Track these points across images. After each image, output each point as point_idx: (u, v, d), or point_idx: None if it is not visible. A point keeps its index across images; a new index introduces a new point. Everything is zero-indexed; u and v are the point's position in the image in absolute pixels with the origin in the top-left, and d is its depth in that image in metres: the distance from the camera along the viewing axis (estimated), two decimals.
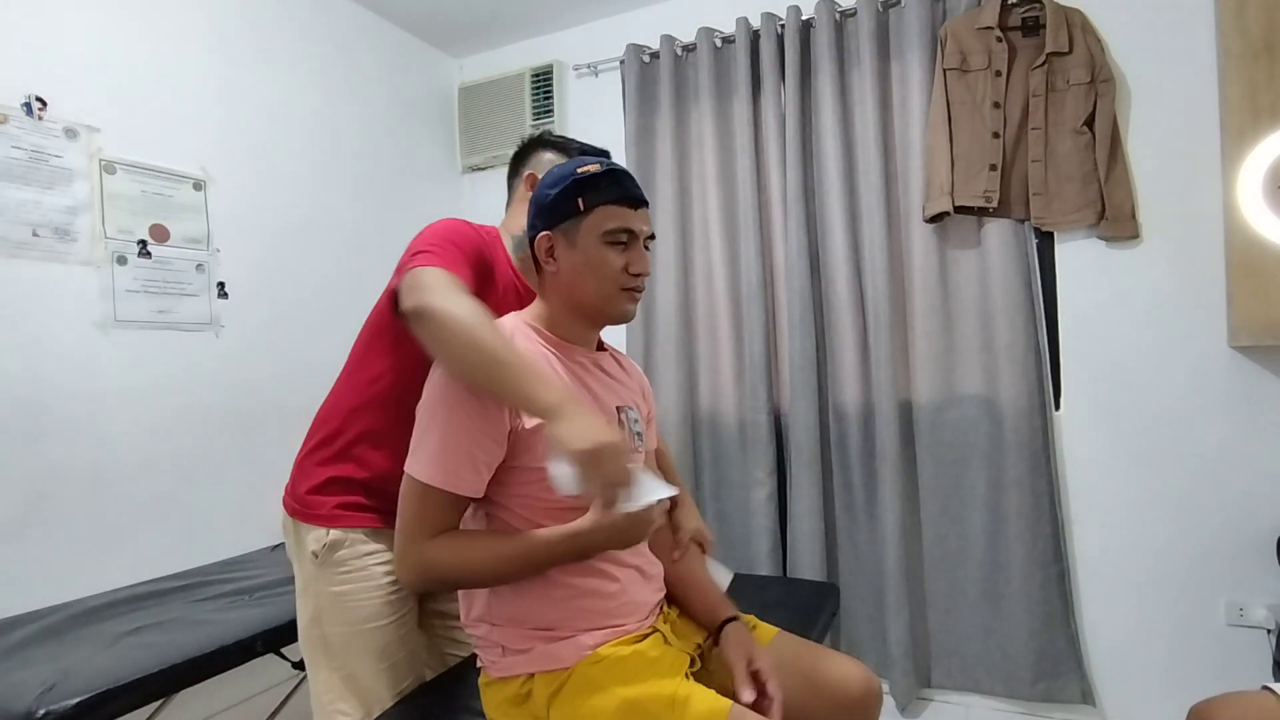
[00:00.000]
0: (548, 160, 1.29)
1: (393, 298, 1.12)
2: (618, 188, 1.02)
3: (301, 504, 1.22)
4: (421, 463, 0.97)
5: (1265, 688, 1.07)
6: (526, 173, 1.30)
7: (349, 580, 1.18)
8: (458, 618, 1.33)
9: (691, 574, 1.18)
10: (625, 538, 0.97)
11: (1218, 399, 1.90)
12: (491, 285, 1.20)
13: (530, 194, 1.15)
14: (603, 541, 0.96)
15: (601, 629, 1.02)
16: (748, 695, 0.99)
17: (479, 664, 1.09)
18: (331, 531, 1.19)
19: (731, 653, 1.06)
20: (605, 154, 1.29)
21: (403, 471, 0.99)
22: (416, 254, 1.08)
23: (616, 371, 1.16)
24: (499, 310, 1.11)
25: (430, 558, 0.96)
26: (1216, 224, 1.87)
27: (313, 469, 1.23)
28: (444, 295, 0.99)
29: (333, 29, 2.43)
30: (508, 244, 1.29)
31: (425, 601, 1.32)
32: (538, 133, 1.37)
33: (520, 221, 1.23)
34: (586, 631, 1.01)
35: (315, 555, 1.19)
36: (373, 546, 1.20)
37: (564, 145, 1.33)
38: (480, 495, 0.99)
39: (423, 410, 1.00)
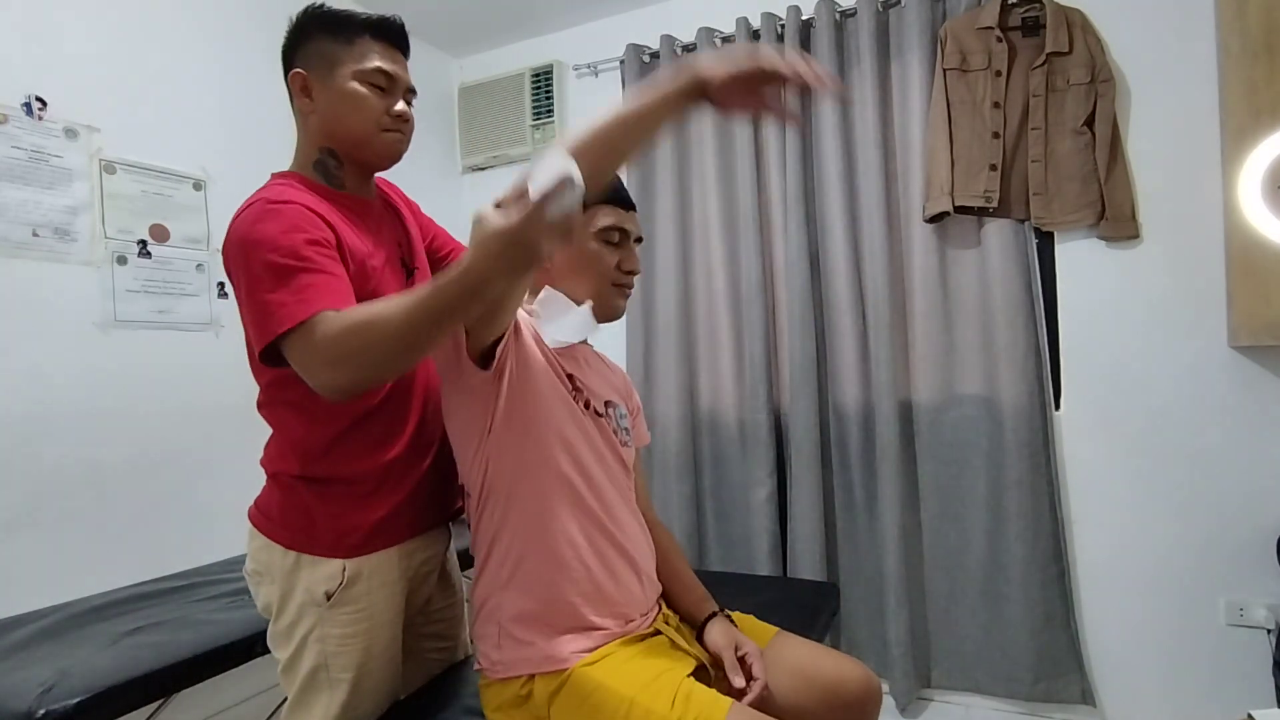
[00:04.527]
0: (323, 54, 1.04)
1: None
2: (611, 189, 1.06)
3: (314, 528, 1.00)
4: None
5: (1249, 716, 1.06)
6: (295, 72, 1.08)
7: (359, 619, 1.03)
8: (449, 637, 1.28)
9: (675, 573, 1.19)
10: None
11: (1218, 399, 1.90)
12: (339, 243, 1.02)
13: (306, 103, 1.04)
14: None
15: (602, 629, 1.02)
16: (739, 681, 1.01)
17: (477, 666, 1.09)
18: (348, 565, 1.01)
19: (719, 640, 1.08)
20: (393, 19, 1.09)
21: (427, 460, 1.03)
22: (268, 300, 0.93)
23: (603, 367, 1.19)
24: (356, 232, 1.04)
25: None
26: (1216, 224, 1.87)
27: (349, 468, 1.02)
28: (336, 344, 0.85)
29: None
30: (312, 175, 1.12)
31: (414, 626, 1.21)
32: (304, 13, 1.08)
33: (310, 144, 1.10)
34: (585, 631, 1.01)
35: (329, 596, 1.00)
36: (395, 572, 1.07)
37: (341, 20, 1.06)
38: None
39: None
